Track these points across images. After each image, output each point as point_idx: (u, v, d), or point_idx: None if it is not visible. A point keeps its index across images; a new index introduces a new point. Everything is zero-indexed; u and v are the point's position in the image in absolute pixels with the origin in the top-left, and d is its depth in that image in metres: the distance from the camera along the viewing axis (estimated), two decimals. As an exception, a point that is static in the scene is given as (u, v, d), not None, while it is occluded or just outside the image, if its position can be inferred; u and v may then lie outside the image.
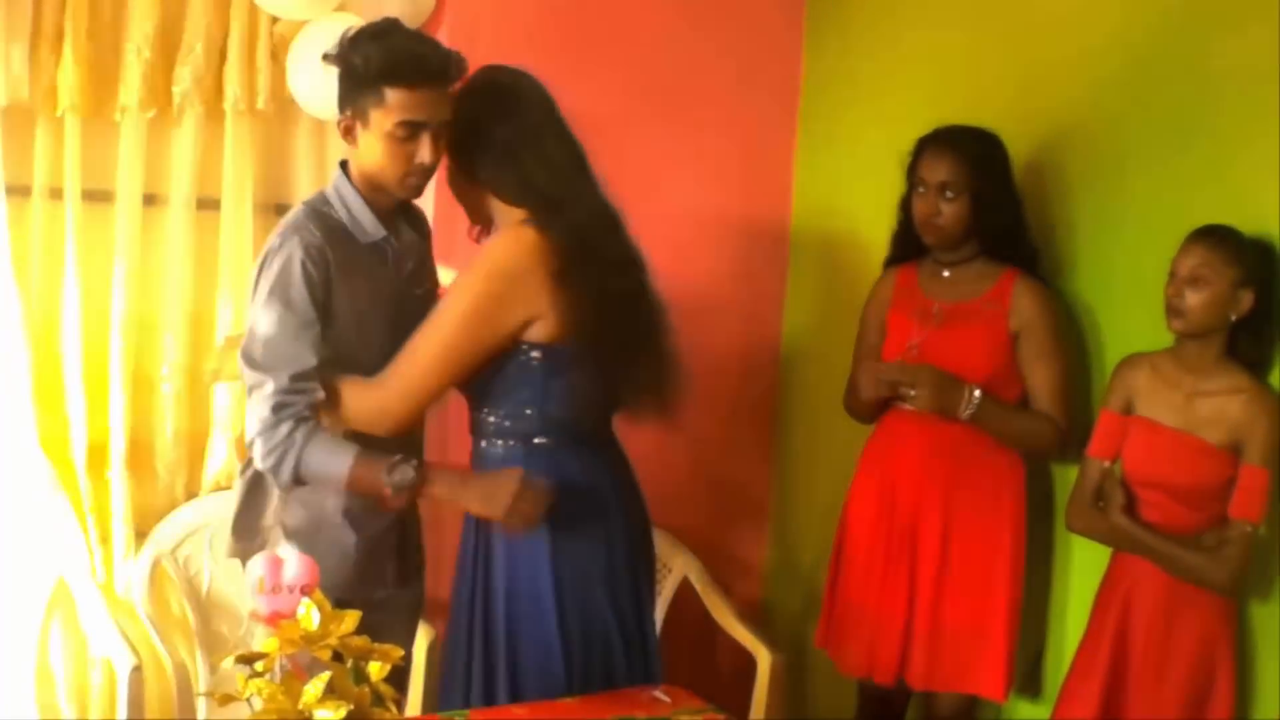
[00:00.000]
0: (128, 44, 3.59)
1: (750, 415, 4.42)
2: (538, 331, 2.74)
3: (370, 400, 2.75)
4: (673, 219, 4.00)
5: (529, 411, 2.81)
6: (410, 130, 2.70)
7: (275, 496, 2.86)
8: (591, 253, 2.74)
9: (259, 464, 2.72)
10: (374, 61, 2.67)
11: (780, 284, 4.39)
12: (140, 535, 3.74)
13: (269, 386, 2.67)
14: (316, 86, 3.50)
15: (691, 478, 4.21)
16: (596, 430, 2.92)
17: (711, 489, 4.33)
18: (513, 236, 2.74)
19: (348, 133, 2.77)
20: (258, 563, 2.23)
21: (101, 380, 3.68)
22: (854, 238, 4.05)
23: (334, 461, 2.69)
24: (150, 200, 3.73)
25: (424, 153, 2.72)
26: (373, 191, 2.82)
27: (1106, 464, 3.01)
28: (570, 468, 2.83)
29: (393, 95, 2.68)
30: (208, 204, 3.78)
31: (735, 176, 4.27)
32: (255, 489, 2.90)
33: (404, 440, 2.82)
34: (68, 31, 3.50)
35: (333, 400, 2.73)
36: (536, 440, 2.83)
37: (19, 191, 3.57)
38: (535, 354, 2.77)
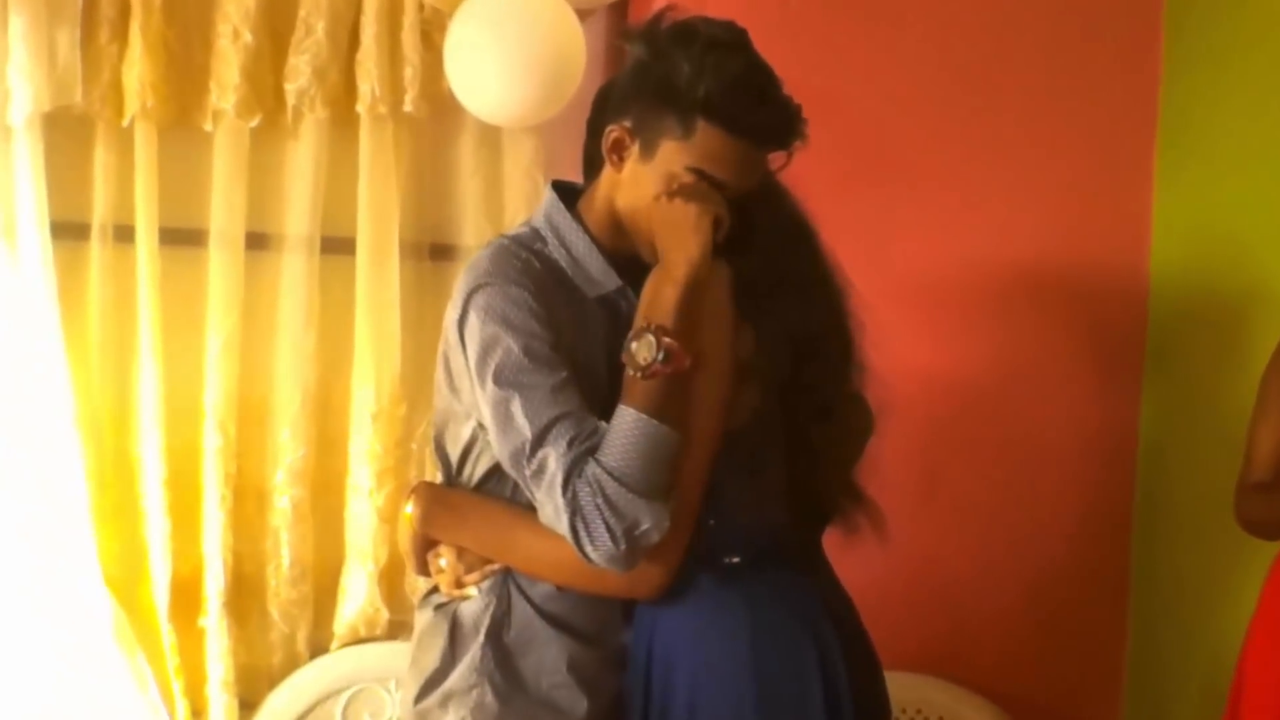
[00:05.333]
0: (221, 25, 3.23)
1: (1099, 530, 3.94)
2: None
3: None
4: (986, 268, 3.76)
5: (711, 523, 2.47)
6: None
7: (477, 645, 2.48)
8: (784, 282, 2.48)
9: (602, 558, 2.29)
10: (704, 80, 2.33)
11: (1137, 351, 3.92)
12: (247, 706, 3.41)
13: (559, 450, 2.27)
14: (485, 80, 3.21)
15: (1018, 621, 3.83)
16: (806, 544, 2.63)
17: (1046, 636, 3.89)
18: None
19: (616, 147, 2.43)
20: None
21: (191, 492, 3.35)
22: (1241, 282, 3.65)
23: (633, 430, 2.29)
24: (257, 241, 3.38)
25: None
26: (607, 232, 2.49)
27: None
28: (777, 594, 2.51)
29: (705, 133, 2.35)
30: (336, 245, 3.41)
31: (1072, 208, 3.85)
32: (453, 634, 2.50)
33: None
34: (135, 8, 3.15)
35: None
36: (726, 560, 2.51)
37: (72, 231, 3.22)
38: None
